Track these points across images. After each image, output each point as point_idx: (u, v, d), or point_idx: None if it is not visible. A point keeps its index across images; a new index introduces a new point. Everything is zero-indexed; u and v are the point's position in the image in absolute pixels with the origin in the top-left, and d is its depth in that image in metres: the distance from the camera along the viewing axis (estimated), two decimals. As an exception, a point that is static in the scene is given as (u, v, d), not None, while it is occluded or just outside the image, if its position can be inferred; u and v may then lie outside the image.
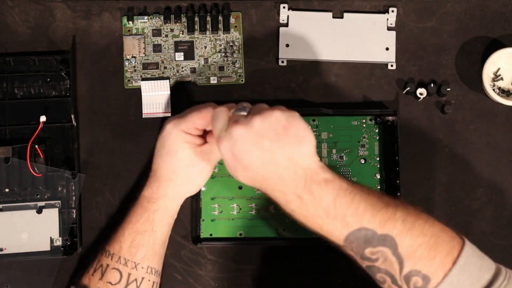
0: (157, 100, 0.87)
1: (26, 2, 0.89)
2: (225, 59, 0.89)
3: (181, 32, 0.89)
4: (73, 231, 0.84)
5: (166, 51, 0.89)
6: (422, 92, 0.87)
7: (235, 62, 0.89)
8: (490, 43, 0.90)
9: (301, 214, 0.65)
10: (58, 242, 0.84)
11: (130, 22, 0.89)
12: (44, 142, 0.85)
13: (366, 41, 0.89)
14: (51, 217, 0.84)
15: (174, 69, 0.89)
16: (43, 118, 0.85)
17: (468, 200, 0.87)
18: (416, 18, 0.90)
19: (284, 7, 0.89)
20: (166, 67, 0.89)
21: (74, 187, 0.85)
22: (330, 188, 0.64)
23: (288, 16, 0.89)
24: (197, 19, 0.89)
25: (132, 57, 0.88)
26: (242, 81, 0.89)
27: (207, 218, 0.85)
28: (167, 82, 0.87)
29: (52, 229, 0.84)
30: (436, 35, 0.90)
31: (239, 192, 0.86)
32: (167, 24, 0.89)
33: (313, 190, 0.64)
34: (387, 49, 0.89)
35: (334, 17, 0.90)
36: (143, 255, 0.77)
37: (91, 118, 0.88)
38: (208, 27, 0.89)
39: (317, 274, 0.86)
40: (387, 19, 0.90)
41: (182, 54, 0.89)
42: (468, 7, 0.90)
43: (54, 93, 0.87)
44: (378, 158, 0.87)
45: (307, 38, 0.89)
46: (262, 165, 0.65)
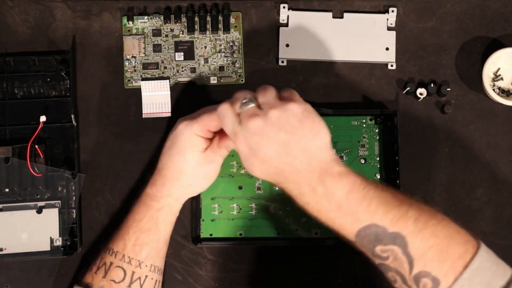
0: (157, 100, 0.87)
1: (26, 2, 0.89)
2: (225, 59, 0.89)
3: (181, 32, 0.89)
4: (73, 231, 0.84)
5: (166, 51, 0.89)
6: (422, 92, 0.87)
7: (235, 62, 0.89)
8: (490, 43, 0.90)
9: (314, 207, 0.66)
10: (58, 242, 0.84)
11: (130, 22, 0.89)
12: (44, 142, 0.85)
13: (366, 41, 0.89)
14: (51, 217, 0.84)
15: (174, 69, 0.89)
16: (43, 118, 0.85)
17: (468, 200, 0.87)
18: (416, 18, 0.90)
19: (284, 7, 0.89)
20: (166, 67, 0.89)
21: (74, 187, 0.85)
22: (344, 182, 0.65)
23: (288, 16, 0.89)
24: (197, 19, 0.89)
25: (132, 57, 0.88)
26: (242, 81, 0.89)
27: (207, 218, 0.85)
28: (167, 82, 0.87)
29: (52, 229, 0.84)
30: (436, 35, 0.90)
31: (239, 192, 0.86)
32: (167, 24, 0.89)
33: (327, 183, 0.65)
34: (387, 49, 0.89)
35: (334, 17, 0.90)
36: (147, 254, 0.77)
37: (91, 118, 0.88)
38: (208, 27, 0.89)
39: (317, 274, 0.86)
40: (387, 19, 0.90)
41: (182, 54, 0.89)
42: (468, 7, 0.90)
43: (54, 93, 0.87)
44: (378, 158, 0.87)
45: (307, 38, 0.89)
46: (278, 157, 0.65)
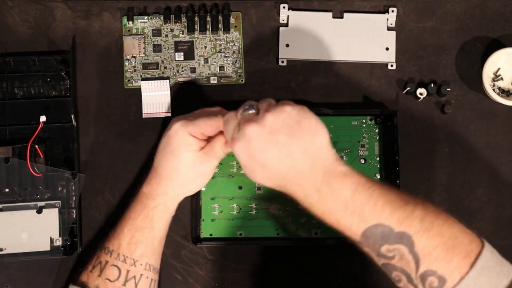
0: (157, 100, 0.87)
1: (26, 2, 0.89)
2: (225, 59, 0.89)
3: (181, 32, 0.89)
4: (73, 231, 0.84)
5: (166, 51, 0.89)
6: (422, 92, 0.87)
7: (235, 62, 0.89)
8: (490, 43, 0.90)
9: (319, 208, 0.65)
10: (58, 242, 0.84)
11: (130, 22, 0.89)
12: (44, 142, 0.85)
13: (366, 41, 0.89)
14: (51, 217, 0.84)
15: (174, 69, 0.89)
16: (43, 118, 0.85)
17: (468, 200, 0.87)
18: (416, 18, 0.90)
19: (284, 7, 0.89)
20: (166, 67, 0.89)
21: (74, 187, 0.85)
22: (349, 181, 0.64)
23: (288, 16, 0.89)
24: (197, 19, 0.89)
25: (132, 57, 0.88)
26: (242, 81, 0.89)
27: (207, 218, 0.85)
28: (167, 82, 0.87)
29: (52, 229, 0.84)
30: (436, 35, 0.90)
31: (239, 192, 0.86)
32: (167, 24, 0.89)
33: (332, 183, 0.64)
34: (387, 49, 0.89)
35: (334, 17, 0.90)
36: (142, 252, 0.77)
37: (91, 118, 0.88)
38: (208, 27, 0.89)
39: (317, 274, 0.86)
40: (387, 19, 0.90)
41: (182, 54, 0.89)
42: (468, 7, 0.90)
43: (54, 93, 0.87)
44: (378, 158, 0.87)
45: (307, 38, 0.89)
46: (280, 161, 0.65)
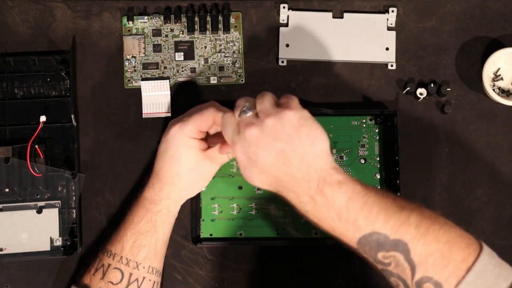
0: (157, 100, 0.87)
1: (26, 2, 0.89)
2: (225, 59, 0.89)
3: (181, 32, 0.89)
4: (73, 231, 0.84)
5: (166, 51, 0.89)
6: (422, 92, 0.87)
7: (235, 62, 0.89)
8: (490, 43, 0.90)
9: (314, 215, 0.65)
10: (58, 242, 0.84)
11: (130, 22, 0.89)
12: (44, 142, 0.85)
13: (366, 41, 0.89)
14: (51, 217, 0.84)
15: (174, 69, 0.89)
16: (43, 118, 0.85)
17: (468, 200, 0.87)
18: (416, 18, 0.90)
19: (284, 7, 0.89)
20: (166, 67, 0.89)
21: (74, 187, 0.85)
22: (343, 190, 0.64)
23: (288, 16, 0.89)
24: (197, 19, 0.89)
25: (132, 57, 0.88)
26: (242, 81, 0.89)
27: (207, 218, 0.85)
28: (167, 82, 0.87)
29: (52, 229, 0.84)
30: (436, 35, 0.90)
31: (239, 192, 0.86)
32: (167, 24, 0.89)
33: (325, 192, 0.64)
34: (387, 49, 0.89)
35: (334, 17, 0.90)
36: (145, 255, 0.77)
37: (91, 118, 0.88)
38: (208, 27, 0.89)
39: (317, 274, 0.86)
40: (387, 19, 0.90)
41: (182, 54, 0.89)
42: (468, 7, 0.90)
43: (54, 93, 0.87)
44: (378, 158, 0.87)
45: (307, 38, 0.89)
46: (276, 166, 0.65)
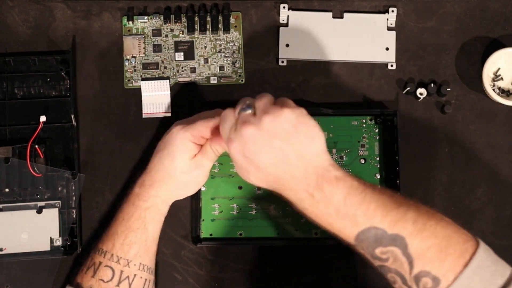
0: (157, 100, 0.87)
1: (26, 2, 0.89)
2: (225, 59, 0.89)
3: (181, 32, 0.89)
4: (73, 231, 0.84)
5: (166, 51, 0.89)
6: (422, 92, 0.87)
7: (235, 62, 0.89)
8: (490, 43, 0.90)
9: (312, 212, 0.66)
10: (58, 242, 0.84)
11: (130, 22, 0.89)
12: (44, 142, 0.85)
13: (366, 41, 0.89)
14: (51, 217, 0.84)
15: (174, 69, 0.89)
16: (43, 118, 0.85)
17: (468, 200, 0.87)
18: (416, 18, 0.90)
19: (284, 7, 0.89)
20: (166, 67, 0.89)
21: (74, 187, 0.85)
22: (341, 186, 0.64)
23: (288, 16, 0.89)
24: (197, 19, 0.89)
25: (132, 57, 0.88)
26: (242, 81, 0.89)
27: (207, 218, 0.85)
28: (167, 82, 0.87)
29: (52, 229, 0.84)
30: (436, 35, 0.90)
31: (239, 192, 0.86)
32: (167, 24, 0.89)
33: (324, 188, 0.64)
34: (387, 49, 0.89)
35: (334, 17, 0.90)
36: (136, 253, 0.77)
37: (91, 118, 0.88)
38: (208, 27, 0.89)
39: (317, 274, 0.86)
40: (387, 19, 0.90)
41: (182, 54, 0.89)
42: (468, 7, 0.90)
43: (54, 93, 0.87)
44: (378, 158, 0.87)
45: (307, 38, 0.89)
46: (274, 164, 0.65)
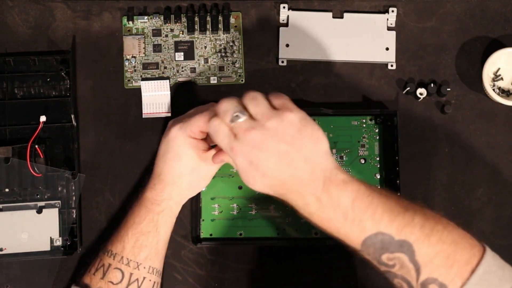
0: (157, 100, 0.87)
1: (26, 2, 0.89)
2: (225, 59, 0.89)
3: (181, 32, 0.89)
4: (73, 231, 0.84)
5: (166, 51, 0.89)
6: (422, 92, 0.87)
7: (235, 62, 0.89)
8: (490, 43, 0.90)
9: (319, 216, 0.65)
10: (58, 242, 0.84)
11: (130, 22, 0.89)
12: (44, 142, 0.85)
13: (366, 41, 0.89)
14: (51, 217, 0.84)
15: (174, 69, 0.89)
16: (43, 118, 0.85)
17: (468, 200, 0.87)
18: (416, 18, 0.90)
19: (284, 7, 0.89)
20: (166, 67, 0.89)
21: (74, 187, 0.85)
22: (349, 190, 0.64)
23: (288, 16, 0.89)
24: (197, 19, 0.89)
25: (132, 57, 0.88)
26: (242, 81, 0.89)
27: (207, 218, 0.85)
28: (167, 82, 0.87)
29: (52, 229, 0.84)
30: (436, 35, 0.90)
31: (239, 192, 0.86)
32: (167, 24, 0.89)
33: (331, 192, 0.64)
34: (387, 49, 0.89)
35: (334, 17, 0.90)
36: (146, 256, 0.77)
37: (91, 118, 0.88)
38: (208, 27, 0.89)
39: (317, 274, 0.86)
40: (387, 19, 0.90)
41: (182, 54, 0.89)
42: (468, 7, 0.90)
43: (54, 93, 0.87)
44: (378, 158, 0.87)
45: (307, 38, 0.89)
46: (280, 169, 0.64)
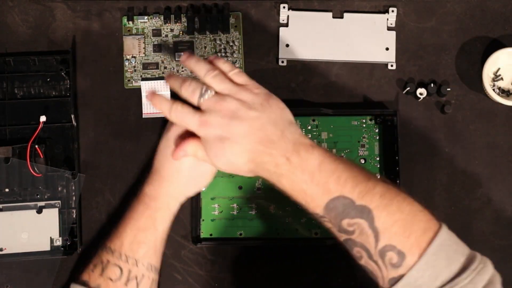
0: (157, 100, 0.87)
1: (26, 2, 0.89)
2: (225, 59, 0.89)
3: (181, 32, 0.89)
4: (73, 231, 0.84)
5: (166, 51, 0.89)
6: (422, 92, 0.87)
7: (235, 62, 0.89)
8: (490, 43, 0.90)
9: (288, 177, 0.67)
10: (58, 242, 0.84)
11: (130, 22, 0.89)
12: (44, 142, 0.85)
13: (366, 41, 0.89)
14: (51, 217, 0.84)
15: (174, 69, 0.89)
16: (43, 118, 0.85)
17: (468, 200, 0.87)
18: (416, 18, 0.90)
19: (284, 7, 0.89)
20: (166, 67, 0.89)
21: (74, 187, 0.85)
22: (316, 153, 0.67)
23: (288, 16, 0.89)
24: (197, 19, 0.89)
25: (132, 57, 0.88)
26: (242, 81, 0.89)
27: (207, 218, 0.85)
28: (167, 82, 0.87)
29: (52, 229, 0.84)
30: (436, 35, 0.90)
31: (239, 192, 0.86)
32: (167, 24, 0.89)
33: (301, 153, 0.67)
34: (387, 49, 0.89)
35: (334, 17, 0.90)
36: (144, 252, 0.77)
37: (91, 118, 0.88)
38: (208, 27, 0.89)
39: (317, 274, 0.86)
40: (387, 19, 0.90)
41: (182, 54, 0.88)
42: (468, 7, 0.90)
43: (54, 93, 0.87)
44: (378, 158, 0.87)
45: (307, 38, 0.89)
46: (252, 133, 0.68)
